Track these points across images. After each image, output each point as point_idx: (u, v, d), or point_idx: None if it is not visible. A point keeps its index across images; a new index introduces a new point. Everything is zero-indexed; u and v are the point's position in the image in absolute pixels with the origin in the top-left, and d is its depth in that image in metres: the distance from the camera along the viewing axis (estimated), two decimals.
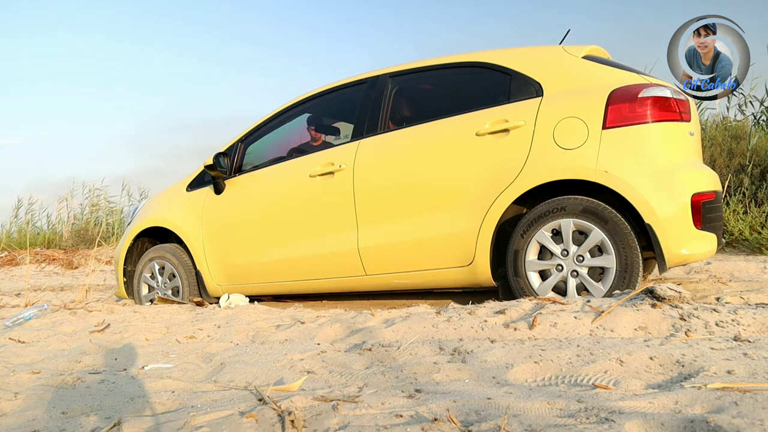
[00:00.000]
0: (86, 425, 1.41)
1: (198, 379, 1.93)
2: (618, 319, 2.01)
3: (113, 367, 2.19)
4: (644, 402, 1.23)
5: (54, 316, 3.51)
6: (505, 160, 2.83)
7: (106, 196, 10.72)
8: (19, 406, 1.62)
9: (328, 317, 2.77)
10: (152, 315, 3.30)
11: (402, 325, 2.31)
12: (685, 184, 2.61)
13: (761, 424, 1.03)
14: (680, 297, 2.12)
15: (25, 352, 2.51)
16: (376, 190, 3.18)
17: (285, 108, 3.78)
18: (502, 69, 3.01)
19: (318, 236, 3.39)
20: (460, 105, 3.11)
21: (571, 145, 2.69)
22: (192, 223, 3.88)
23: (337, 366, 1.94)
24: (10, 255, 8.84)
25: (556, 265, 2.72)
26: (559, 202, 2.70)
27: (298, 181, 3.47)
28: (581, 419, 1.14)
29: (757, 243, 4.76)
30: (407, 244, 3.08)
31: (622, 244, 2.56)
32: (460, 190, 2.94)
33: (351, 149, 3.29)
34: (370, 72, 3.48)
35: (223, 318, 3.02)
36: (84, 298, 4.19)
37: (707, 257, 2.79)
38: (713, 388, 1.26)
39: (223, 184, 3.80)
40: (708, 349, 1.61)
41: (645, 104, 2.62)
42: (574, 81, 2.85)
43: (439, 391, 1.46)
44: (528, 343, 1.90)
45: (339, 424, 1.22)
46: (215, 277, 3.83)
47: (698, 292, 3.00)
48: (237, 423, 1.28)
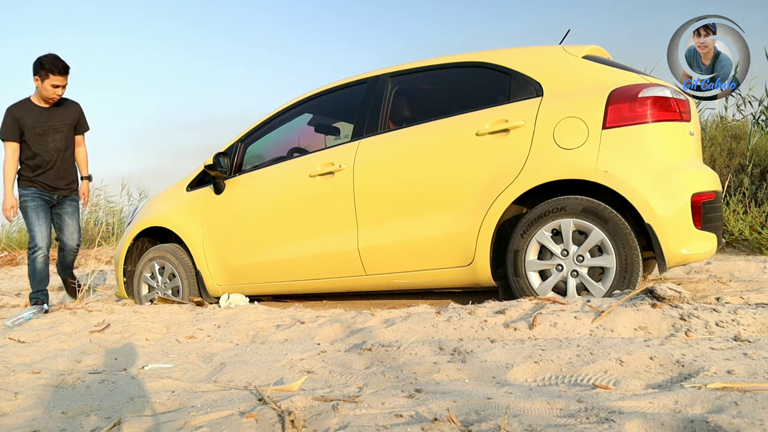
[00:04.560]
0: (86, 425, 1.41)
1: (198, 379, 1.93)
2: (618, 319, 2.01)
3: (113, 367, 2.19)
4: (644, 402, 1.23)
5: (54, 316, 3.51)
6: (505, 160, 2.83)
7: (106, 196, 10.71)
8: (19, 406, 1.62)
9: (328, 317, 2.77)
10: (152, 315, 3.30)
11: (402, 325, 2.31)
12: (685, 184, 2.61)
13: (761, 424, 1.03)
14: (680, 297, 2.12)
15: (25, 352, 2.51)
16: (376, 190, 3.18)
17: (285, 108, 3.78)
18: (502, 69, 3.01)
19: (318, 236, 3.39)
20: (460, 105, 3.11)
21: (571, 145, 2.69)
22: (192, 223, 3.88)
23: (337, 366, 1.94)
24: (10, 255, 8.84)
25: (556, 265, 2.72)
26: (559, 202, 2.70)
27: (298, 181, 3.47)
28: (581, 419, 1.14)
29: (757, 243, 4.76)
30: (407, 243, 3.08)
31: (622, 244, 2.56)
32: (460, 190, 2.94)
33: (351, 149, 3.29)
34: (370, 72, 3.48)
35: (223, 318, 3.02)
36: (84, 297, 4.19)
37: (707, 257, 2.79)
38: (713, 388, 1.26)
39: (223, 184, 3.80)
40: (708, 349, 1.61)
41: (645, 104, 2.62)
42: (574, 81, 2.85)
43: (439, 391, 1.46)
44: (528, 343, 1.90)
45: (339, 424, 1.22)
46: (215, 277, 3.83)
47: (698, 292, 3.00)
48: (237, 423, 1.28)
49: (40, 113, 3.92)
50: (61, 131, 3.99)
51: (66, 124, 4.02)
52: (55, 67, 3.78)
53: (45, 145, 3.93)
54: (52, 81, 3.80)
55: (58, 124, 3.98)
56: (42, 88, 3.82)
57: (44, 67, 3.76)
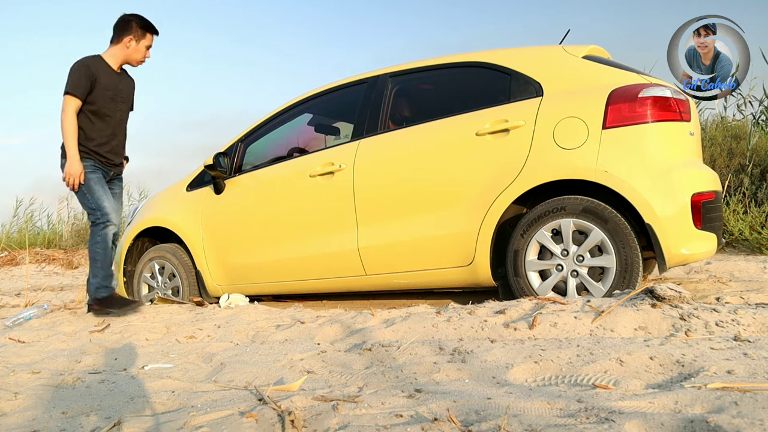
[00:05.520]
0: (86, 425, 1.42)
1: (198, 379, 1.93)
2: (618, 319, 2.01)
3: (113, 367, 2.19)
4: (644, 402, 1.23)
5: (54, 316, 3.51)
6: (505, 160, 2.83)
7: None
8: (19, 406, 1.62)
9: (328, 317, 2.77)
10: (152, 315, 3.30)
11: (402, 325, 2.31)
12: (685, 184, 2.61)
13: (761, 424, 1.03)
14: (680, 297, 2.12)
15: (25, 352, 2.51)
16: (376, 190, 3.18)
17: (285, 108, 3.78)
18: (502, 69, 3.01)
19: (318, 236, 3.39)
20: (460, 105, 3.11)
21: (571, 145, 2.69)
22: (192, 223, 3.88)
23: (337, 366, 1.94)
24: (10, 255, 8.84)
25: (556, 265, 2.72)
26: (559, 202, 2.70)
27: (298, 181, 3.47)
28: (581, 419, 1.14)
29: (757, 243, 4.76)
30: (407, 243, 3.08)
31: (622, 244, 2.56)
32: (460, 190, 2.94)
33: (351, 149, 3.29)
34: (370, 72, 3.48)
35: (223, 318, 3.02)
36: (84, 298, 4.18)
37: (707, 257, 2.79)
38: (713, 388, 1.26)
39: (223, 184, 3.80)
40: (708, 349, 1.61)
41: (645, 104, 2.62)
42: (574, 81, 2.85)
43: (439, 391, 1.46)
44: (528, 343, 1.90)
45: (339, 424, 1.22)
46: (215, 277, 3.83)
47: (698, 292, 3.00)
48: (237, 423, 1.28)
49: (114, 76, 3.42)
50: (127, 102, 3.53)
51: (131, 95, 3.57)
52: (154, 27, 3.39)
53: (114, 113, 3.42)
54: (148, 42, 3.40)
55: (125, 94, 3.50)
56: (134, 50, 3.38)
57: (143, 25, 3.36)
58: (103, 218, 3.35)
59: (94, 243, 3.37)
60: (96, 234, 3.37)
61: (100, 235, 3.36)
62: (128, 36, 3.36)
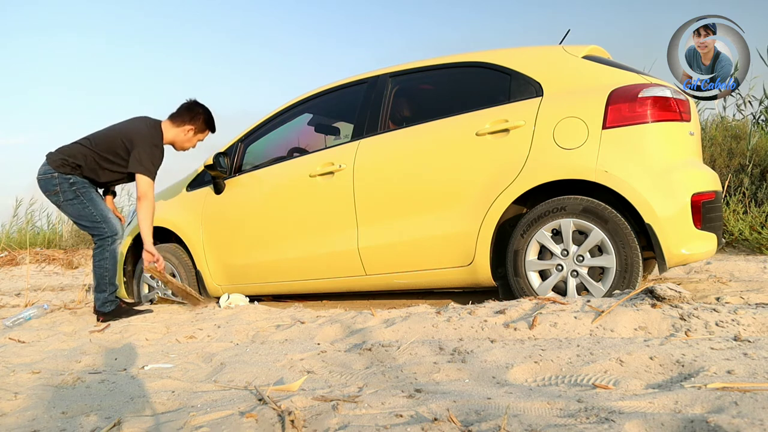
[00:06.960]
0: (86, 425, 1.42)
1: (198, 379, 1.93)
2: (618, 319, 2.01)
3: (113, 367, 2.19)
4: (644, 402, 1.23)
5: (54, 316, 3.51)
6: (505, 160, 2.83)
7: None
8: (19, 406, 1.62)
9: (328, 317, 2.77)
10: (152, 315, 3.30)
11: (402, 325, 2.31)
12: (685, 184, 2.61)
13: (761, 424, 1.03)
14: (680, 297, 2.12)
15: (25, 352, 2.51)
16: (376, 190, 3.18)
17: (285, 108, 3.78)
18: (502, 69, 3.01)
19: (318, 236, 3.39)
20: (460, 105, 3.11)
21: (571, 145, 2.69)
22: (192, 223, 3.88)
23: (337, 366, 1.94)
24: (10, 255, 8.84)
25: (556, 265, 2.72)
26: (559, 202, 2.70)
27: (298, 180, 3.47)
28: (581, 419, 1.14)
29: (757, 243, 4.76)
30: (407, 243, 3.08)
31: (622, 244, 2.56)
32: (460, 190, 2.94)
33: (351, 149, 3.29)
34: (370, 72, 3.48)
35: (223, 318, 3.02)
36: (84, 298, 4.18)
37: (707, 257, 2.79)
38: (713, 388, 1.26)
39: (223, 183, 3.80)
40: (708, 349, 1.61)
41: (645, 104, 2.62)
42: (574, 81, 2.85)
43: (439, 391, 1.46)
44: (528, 343, 1.90)
45: (339, 424, 1.22)
46: (215, 277, 3.83)
47: (698, 292, 3.00)
48: (237, 423, 1.28)
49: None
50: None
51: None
52: (215, 127, 3.48)
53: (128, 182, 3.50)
54: (203, 137, 3.51)
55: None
56: (188, 139, 3.46)
57: (207, 121, 3.46)
58: (110, 231, 3.31)
59: (103, 258, 3.31)
60: (105, 249, 3.31)
61: (109, 251, 3.32)
62: (190, 125, 3.43)
